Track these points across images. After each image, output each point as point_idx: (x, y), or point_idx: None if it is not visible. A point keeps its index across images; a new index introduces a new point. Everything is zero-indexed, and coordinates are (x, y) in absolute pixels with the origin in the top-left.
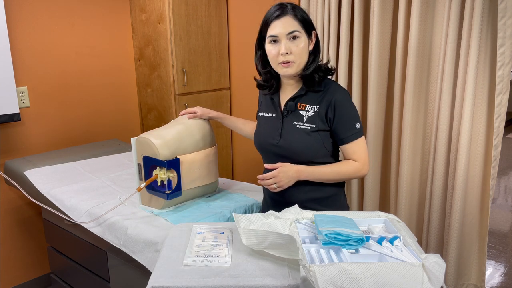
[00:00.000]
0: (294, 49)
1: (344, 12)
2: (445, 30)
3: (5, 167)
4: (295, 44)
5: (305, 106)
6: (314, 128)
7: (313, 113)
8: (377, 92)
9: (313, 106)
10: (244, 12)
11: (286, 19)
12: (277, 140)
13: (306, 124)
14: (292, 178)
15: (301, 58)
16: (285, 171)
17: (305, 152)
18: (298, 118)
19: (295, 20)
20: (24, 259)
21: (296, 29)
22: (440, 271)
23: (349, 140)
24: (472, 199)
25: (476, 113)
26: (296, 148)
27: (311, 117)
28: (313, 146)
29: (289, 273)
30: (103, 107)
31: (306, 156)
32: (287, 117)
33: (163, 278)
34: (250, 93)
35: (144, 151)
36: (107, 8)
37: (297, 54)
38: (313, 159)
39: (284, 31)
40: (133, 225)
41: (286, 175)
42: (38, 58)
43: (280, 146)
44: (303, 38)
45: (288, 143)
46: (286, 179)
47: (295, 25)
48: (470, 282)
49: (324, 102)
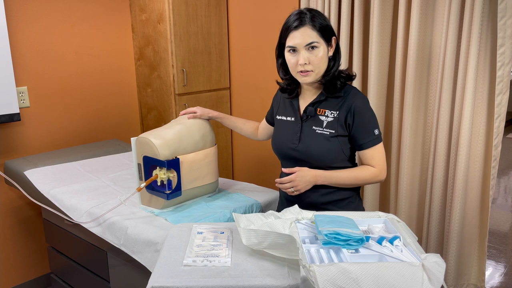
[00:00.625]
0: (313, 59)
1: (344, 12)
2: (445, 30)
3: (5, 167)
4: (314, 54)
5: (325, 111)
6: (333, 134)
7: (333, 118)
8: (377, 92)
9: (333, 111)
10: (244, 12)
11: (304, 29)
12: (295, 144)
13: (326, 130)
14: (309, 183)
15: (320, 67)
16: (303, 175)
17: (324, 157)
18: (317, 123)
19: (314, 30)
20: (24, 259)
21: (314, 40)
22: (440, 271)
23: (368, 146)
24: (472, 199)
25: (476, 113)
26: (315, 153)
27: (330, 122)
28: (331, 151)
29: (289, 273)
30: (103, 107)
31: (324, 161)
32: (306, 122)
33: (163, 278)
34: (250, 93)
35: (144, 151)
36: (107, 8)
37: (316, 64)
38: (331, 164)
39: (302, 42)
40: (133, 225)
41: (303, 180)
42: (38, 58)
43: (298, 151)
44: (322, 47)
45: (307, 148)
46: (303, 183)
47: (313, 36)
48: (470, 282)
49: (344, 107)
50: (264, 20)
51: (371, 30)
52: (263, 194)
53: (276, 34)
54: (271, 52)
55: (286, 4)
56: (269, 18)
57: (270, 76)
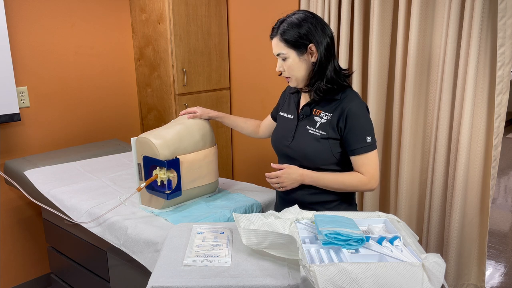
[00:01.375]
0: (285, 67)
1: (344, 12)
2: (445, 30)
3: (5, 167)
4: (285, 63)
5: (320, 112)
6: (324, 135)
7: (326, 120)
8: (377, 92)
9: (327, 113)
10: (244, 12)
11: (274, 41)
12: (289, 142)
13: (318, 130)
14: (295, 181)
15: (294, 74)
16: (290, 172)
17: (312, 157)
18: (311, 123)
19: (281, 42)
20: (24, 259)
21: (281, 51)
22: (440, 271)
23: (358, 153)
24: (472, 199)
25: (476, 113)
26: (305, 152)
27: (323, 124)
28: (320, 152)
29: (289, 273)
30: (103, 107)
31: (313, 161)
32: (302, 121)
33: (163, 278)
34: (250, 93)
35: (144, 151)
36: (107, 8)
37: (288, 71)
38: (320, 165)
39: (274, 52)
40: (133, 225)
41: (289, 177)
42: (38, 58)
43: (291, 148)
44: (292, 56)
45: (298, 146)
46: (289, 181)
47: (280, 47)
48: (470, 282)
49: (337, 110)
50: (264, 20)
51: (371, 30)
52: (263, 194)
53: None
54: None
55: (286, 4)
56: (269, 18)
57: (270, 76)
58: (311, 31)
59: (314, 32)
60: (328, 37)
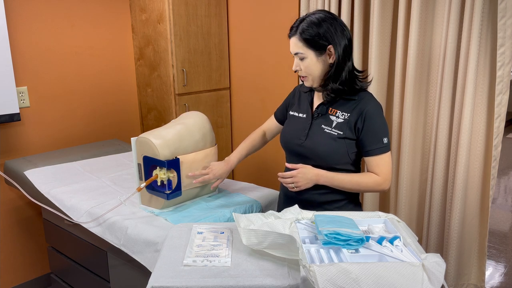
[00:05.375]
0: (302, 66)
1: (344, 12)
2: (445, 30)
3: (5, 167)
4: (302, 62)
5: (336, 111)
6: (341, 135)
7: (343, 120)
8: (377, 92)
9: (344, 113)
10: (244, 12)
11: (292, 40)
12: (302, 140)
13: (334, 130)
14: (310, 181)
15: (311, 74)
16: (305, 172)
17: (328, 157)
18: (327, 123)
19: (300, 41)
20: (24, 259)
21: (299, 51)
22: (440, 271)
23: (374, 154)
24: (472, 199)
25: (476, 113)
26: (320, 151)
27: (340, 123)
28: (337, 152)
29: (289, 273)
30: (103, 107)
31: (327, 161)
32: (317, 120)
33: (163, 278)
34: (250, 93)
35: (144, 151)
36: (107, 8)
37: (305, 71)
38: (334, 165)
39: (292, 51)
40: (133, 225)
41: (305, 177)
42: (38, 58)
43: (304, 147)
44: (310, 56)
45: (313, 145)
46: (304, 181)
47: (299, 47)
48: (470, 282)
49: (355, 111)
50: (264, 20)
51: (371, 30)
52: (263, 194)
53: (276, 34)
54: (271, 52)
55: (286, 4)
56: (269, 18)
57: (270, 76)
58: (330, 32)
59: (334, 33)
60: (346, 39)
